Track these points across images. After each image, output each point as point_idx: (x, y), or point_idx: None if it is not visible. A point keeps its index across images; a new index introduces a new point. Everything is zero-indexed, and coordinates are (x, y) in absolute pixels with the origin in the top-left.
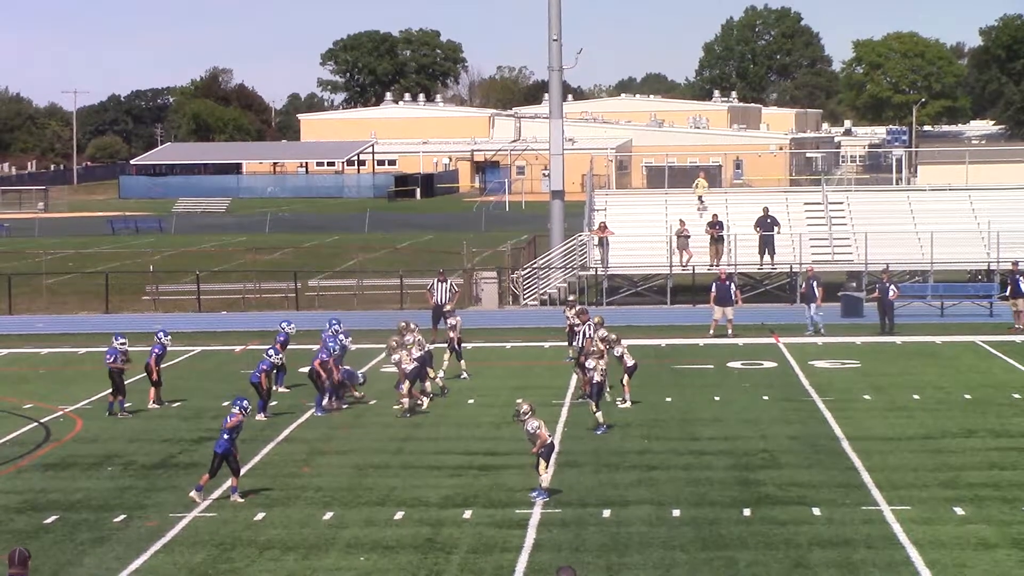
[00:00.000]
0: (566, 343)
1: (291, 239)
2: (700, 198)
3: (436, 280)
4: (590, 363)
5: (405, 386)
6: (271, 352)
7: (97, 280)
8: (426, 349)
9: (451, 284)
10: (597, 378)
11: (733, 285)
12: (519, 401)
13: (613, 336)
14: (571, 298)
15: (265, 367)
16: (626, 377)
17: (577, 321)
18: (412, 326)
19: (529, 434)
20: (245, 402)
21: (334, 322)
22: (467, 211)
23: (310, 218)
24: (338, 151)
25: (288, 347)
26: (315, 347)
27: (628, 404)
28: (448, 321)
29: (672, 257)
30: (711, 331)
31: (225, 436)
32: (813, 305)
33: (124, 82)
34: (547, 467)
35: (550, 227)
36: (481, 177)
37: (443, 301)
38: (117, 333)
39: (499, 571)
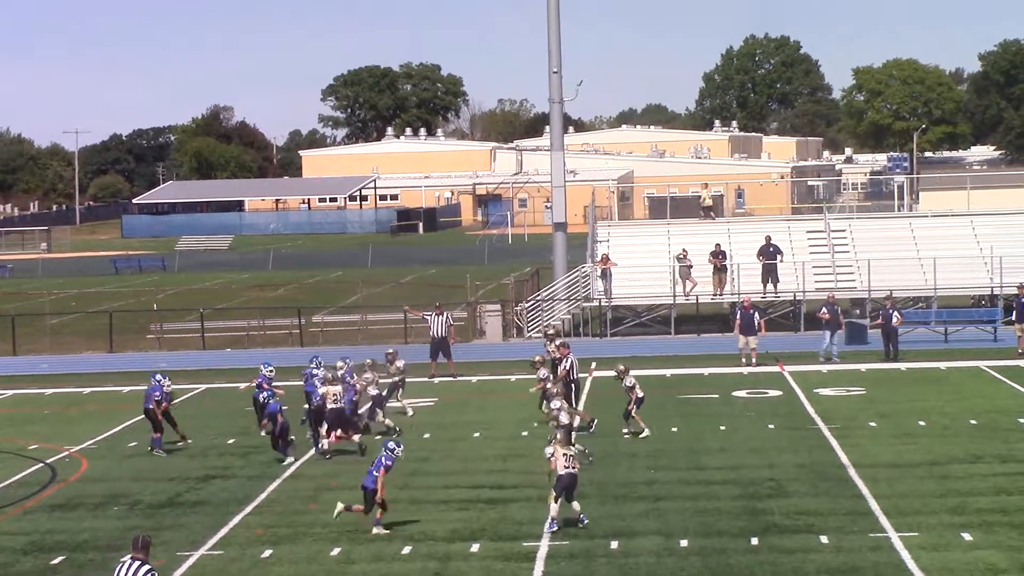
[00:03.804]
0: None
1: (294, 275)
2: (706, 208)
3: (433, 313)
4: (555, 403)
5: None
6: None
7: (101, 319)
8: (380, 390)
9: (448, 317)
10: (564, 419)
11: (757, 314)
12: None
13: (631, 381)
14: (551, 331)
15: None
16: (635, 408)
17: (558, 354)
18: (373, 363)
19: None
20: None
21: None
22: (470, 244)
23: (313, 254)
24: (340, 187)
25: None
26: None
27: (648, 432)
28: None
29: (675, 287)
30: (743, 360)
31: (374, 473)
32: (839, 333)
33: (126, 121)
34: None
35: (553, 259)
36: (483, 210)
37: (440, 334)
38: (155, 372)
39: None
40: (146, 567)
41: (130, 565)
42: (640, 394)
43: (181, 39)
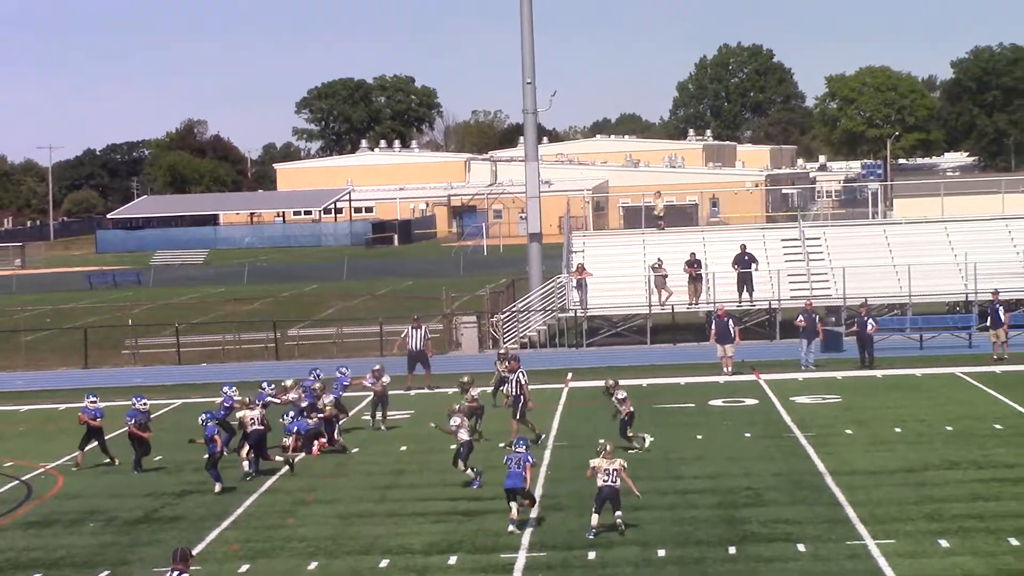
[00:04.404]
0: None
1: (270, 289)
2: (659, 216)
3: (411, 327)
4: (455, 420)
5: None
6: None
7: (76, 335)
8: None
9: (425, 330)
10: (463, 436)
11: (732, 322)
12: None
13: (622, 395)
14: (502, 350)
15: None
16: (626, 425)
17: (508, 375)
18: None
19: None
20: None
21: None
22: (445, 256)
23: (288, 267)
24: (315, 200)
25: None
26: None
27: (650, 438)
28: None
29: (651, 297)
30: (723, 369)
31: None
32: (816, 341)
33: (99, 136)
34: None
35: (528, 270)
36: (458, 222)
37: (418, 347)
38: (136, 395)
39: None
40: None
41: None
42: (631, 409)
43: (154, 53)
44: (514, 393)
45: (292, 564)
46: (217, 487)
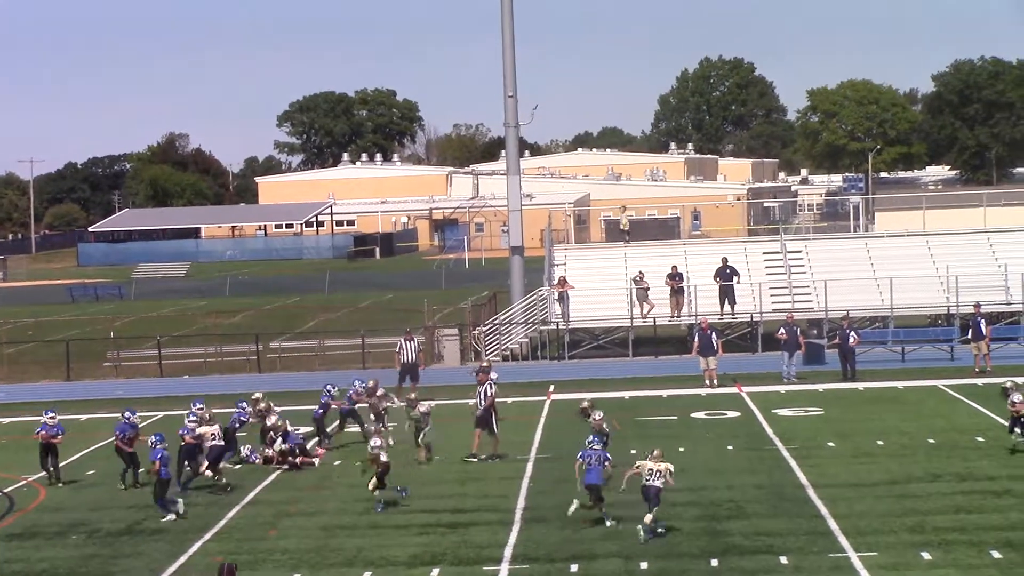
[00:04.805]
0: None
1: (252, 302)
2: (624, 230)
3: (403, 339)
4: (375, 441)
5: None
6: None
7: (58, 348)
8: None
9: (418, 342)
10: (384, 458)
11: (715, 334)
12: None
13: (599, 415)
14: (484, 363)
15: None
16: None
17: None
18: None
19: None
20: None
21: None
22: (427, 269)
23: (270, 280)
24: (296, 213)
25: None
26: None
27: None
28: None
29: (633, 309)
30: (706, 382)
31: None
32: (797, 354)
33: (81, 150)
34: None
35: (510, 283)
36: (440, 235)
37: (411, 359)
38: (127, 409)
39: None
40: None
41: None
42: (608, 430)
43: (136, 67)
44: (482, 405)
45: None
46: (170, 516)
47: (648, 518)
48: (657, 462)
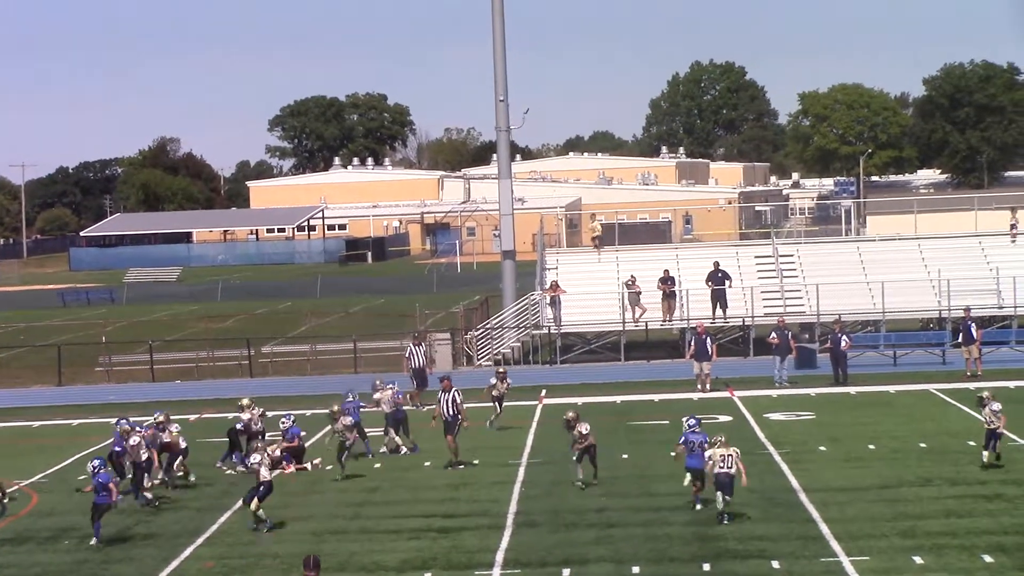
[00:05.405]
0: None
1: (243, 306)
2: (594, 239)
3: (412, 344)
4: (255, 457)
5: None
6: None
7: (49, 353)
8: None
9: (426, 347)
10: (264, 474)
11: (710, 339)
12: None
13: (585, 428)
14: (500, 369)
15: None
16: (576, 455)
17: (442, 394)
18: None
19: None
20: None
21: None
22: (419, 273)
23: (262, 285)
24: (288, 217)
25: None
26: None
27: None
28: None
29: (625, 314)
30: (698, 386)
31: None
32: (789, 358)
33: (72, 154)
34: None
35: (502, 287)
36: (432, 239)
37: (420, 364)
38: (121, 418)
39: None
40: None
41: None
42: (593, 441)
43: (127, 71)
44: (449, 412)
45: None
46: (94, 541)
47: (721, 504)
48: (726, 448)
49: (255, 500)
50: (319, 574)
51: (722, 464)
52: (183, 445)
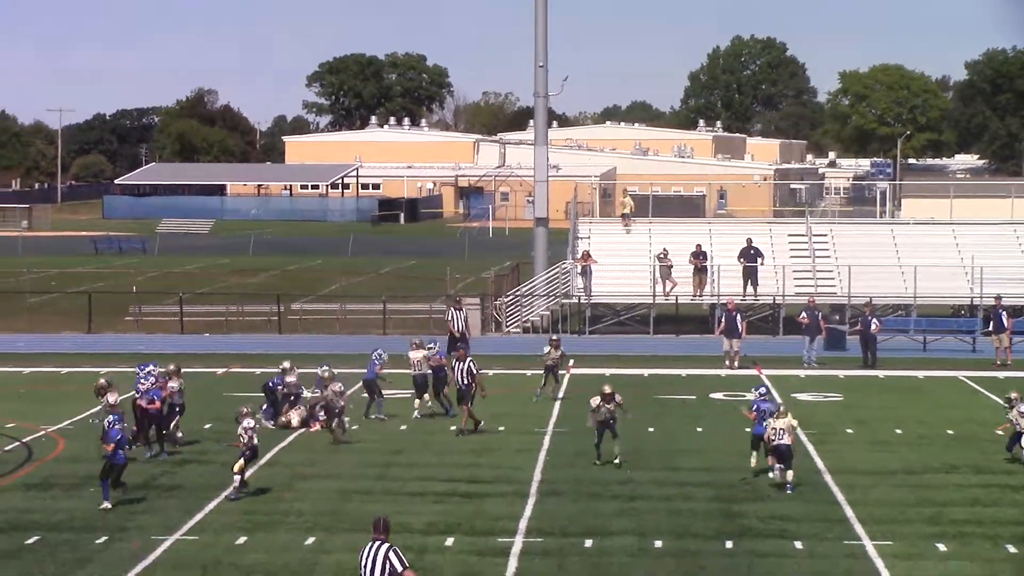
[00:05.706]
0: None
1: (274, 262)
2: (624, 215)
3: (453, 308)
4: (248, 422)
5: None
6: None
7: (80, 300)
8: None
9: (466, 311)
10: (255, 441)
11: (740, 316)
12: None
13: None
14: (554, 336)
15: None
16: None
17: (458, 363)
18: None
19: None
20: None
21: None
22: (451, 237)
23: (294, 241)
24: (323, 174)
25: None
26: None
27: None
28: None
29: (655, 287)
30: (726, 363)
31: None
32: (818, 339)
33: (109, 101)
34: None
35: (534, 254)
36: (465, 203)
37: (460, 328)
38: (142, 364)
39: None
40: (386, 546)
41: (374, 547)
42: (608, 416)
43: (168, 20)
44: (465, 382)
45: (289, 538)
46: (106, 504)
47: (789, 475)
48: (780, 419)
49: (240, 461)
50: (388, 536)
51: (775, 437)
52: (180, 401)
